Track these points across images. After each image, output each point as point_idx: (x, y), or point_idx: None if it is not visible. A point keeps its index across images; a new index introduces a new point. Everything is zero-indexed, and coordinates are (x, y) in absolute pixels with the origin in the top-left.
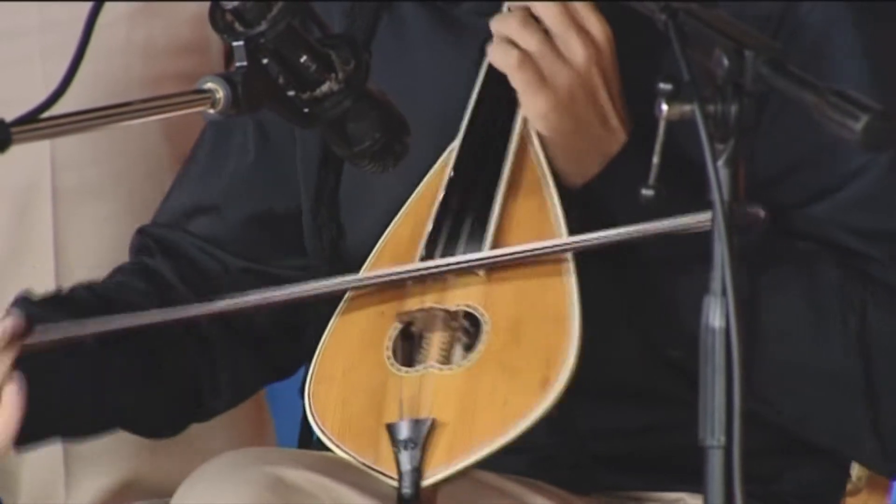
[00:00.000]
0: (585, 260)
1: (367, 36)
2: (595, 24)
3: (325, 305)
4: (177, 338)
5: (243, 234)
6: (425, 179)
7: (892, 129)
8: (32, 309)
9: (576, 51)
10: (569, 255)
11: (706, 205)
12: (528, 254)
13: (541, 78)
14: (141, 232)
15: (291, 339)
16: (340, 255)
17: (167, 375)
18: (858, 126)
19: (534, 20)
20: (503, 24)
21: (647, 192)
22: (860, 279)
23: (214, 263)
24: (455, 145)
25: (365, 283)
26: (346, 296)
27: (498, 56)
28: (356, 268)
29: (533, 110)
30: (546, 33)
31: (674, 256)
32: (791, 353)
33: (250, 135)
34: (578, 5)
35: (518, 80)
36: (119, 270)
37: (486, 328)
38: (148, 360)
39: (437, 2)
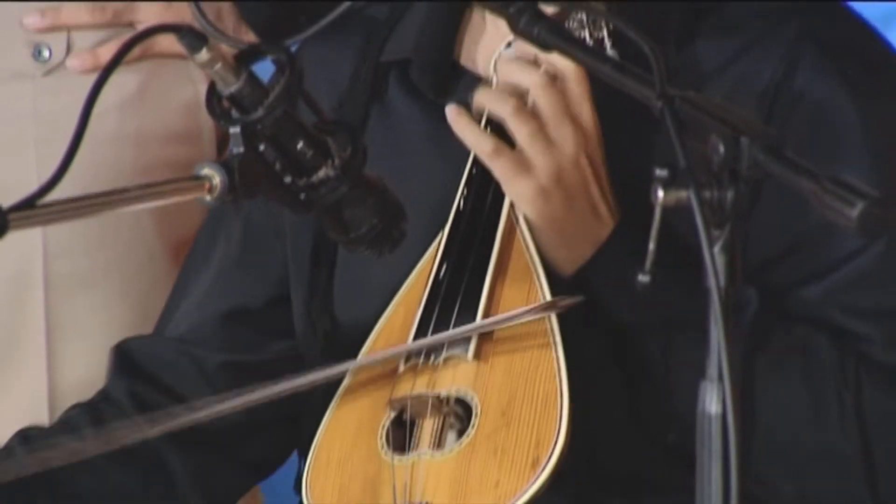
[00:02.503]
0: (585, 345)
1: (358, 127)
2: (587, 112)
3: (320, 395)
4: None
5: (222, 328)
6: (417, 267)
7: (887, 215)
8: None
9: (567, 139)
10: (556, 333)
11: (702, 290)
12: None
13: (521, 165)
14: (116, 349)
15: (271, 432)
16: (333, 344)
17: None
18: (854, 213)
19: (526, 111)
20: (486, 98)
21: (643, 278)
22: (856, 359)
23: (191, 366)
24: (444, 232)
25: (352, 366)
26: (342, 385)
27: (473, 142)
28: (349, 356)
29: (516, 196)
30: (539, 125)
31: (670, 340)
32: (788, 433)
33: (234, 234)
34: (574, 91)
35: (496, 168)
36: (75, 406)
37: (476, 411)
38: None
39: (426, 93)
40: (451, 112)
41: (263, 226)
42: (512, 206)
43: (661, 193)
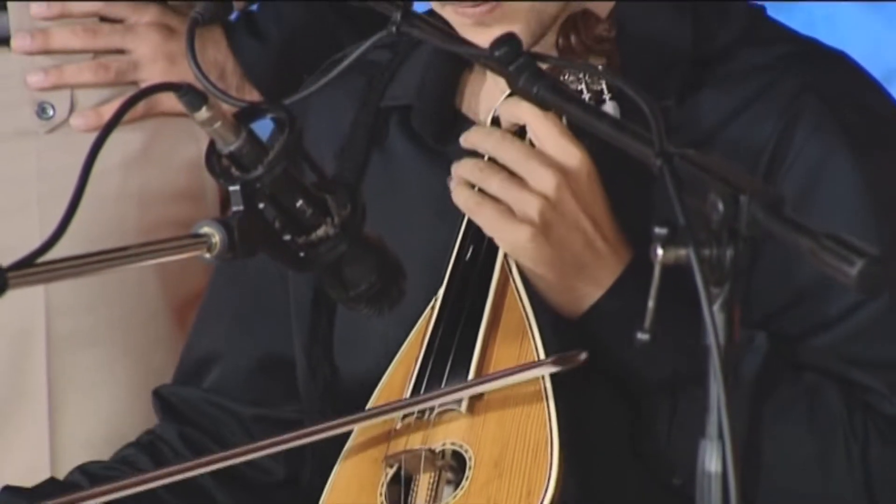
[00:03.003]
0: (591, 387)
1: (358, 174)
2: (561, 149)
3: (321, 449)
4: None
5: (251, 380)
6: (416, 326)
7: (886, 273)
8: (20, 500)
9: (543, 180)
10: (547, 383)
11: (700, 347)
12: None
13: (505, 214)
14: (156, 394)
15: (285, 485)
16: (334, 396)
17: None
18: (853, 271)
19: (491, 165)
20: (461, 169)
21: (642, 337)
22: (862, 409)
23: (226, 416)
24: (441, 288)
25: (349, 421)
26: (346, 446)
27: (459, 199)
28: (349, 405)
29: (507, 245)
30: (506, 174)
31: (674, 384)
32: (794, 482)
33: (249, 280)
34: (541, 133)
35: (481, 221)
36: (128, 445)
37: (470, 464)
38: None
39: (426, 140)
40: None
41: (272, 271)
42: (506, 258)
43: (660, 251)
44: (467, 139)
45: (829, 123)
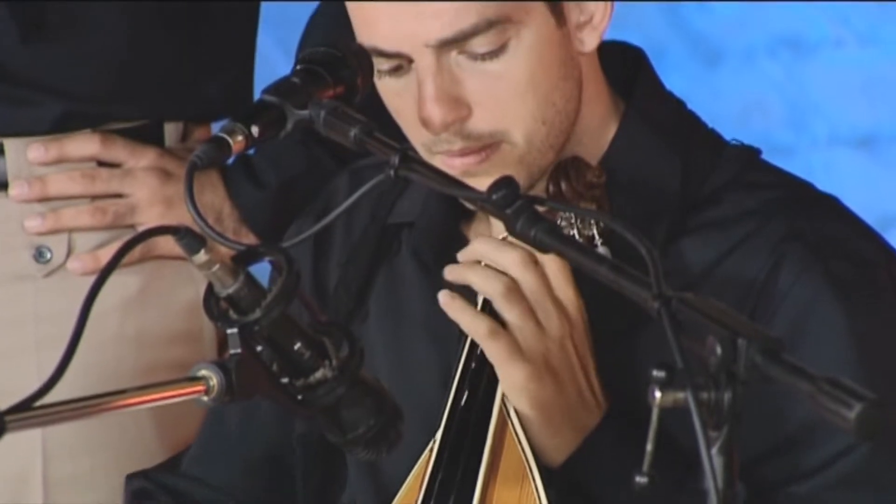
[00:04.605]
0: None
1: (363, 289)
2: (571, 298)
3: None
4: None
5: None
6: (416, 466)
7: (885, 417)
8: None
9: (553, 322)
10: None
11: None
12: None
13: (516, 348)
14: (131, 477)
15: None
16: None
17: None
18: (852, 415)
19: (517, 292)
20: (490, 283)
21: (640, 480)
22: None
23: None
24: (439, 432)
25: None
26: None
27: (470, 326)
28: None
29: (510, 381)
30: (528, 306)
31: None
32: None
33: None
34: (558, 278)
35: (492, 351)
36: None
37: None
38: None
39: (431, 259)
40: (443, 297)
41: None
42: (503, 400)
43: (658, 395)
44: (485, 245)
45: (814, 267)
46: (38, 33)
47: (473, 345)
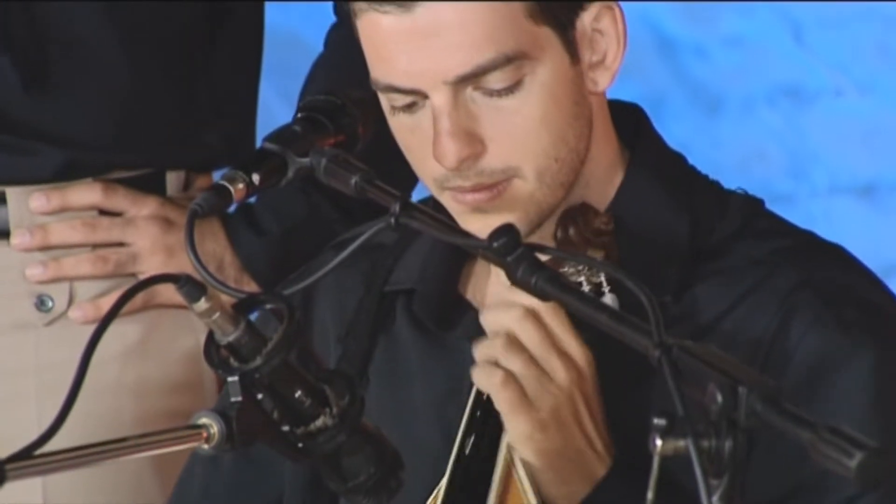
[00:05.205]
0: None
1: (363, 360)
2: (576, 348)
3: None
4: None
5: None
6: None
7: (886, 465)
8: None
9: (558, 372)
10: None
11: None
12: None
13: (525, 398)
14: None
15: None
16: None
17: None
18: (853, 464)
19: (517, 343)
20: (487, 348)
21: None
22: None
23: None
24: (443, 482)
25: None
26: None
27: (482, 377)
28: None
29: (518, 431)
30: (529, 356)
31: None
32: None
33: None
34: (559, 329)
35: (502, 400)
36: None
37: None
38: None
39: (430, 328)
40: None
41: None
42: (508, 449)
43: (659, 442)
44: (488, 315)
45: (825, 316)
46: (41, 82)
47: (479, 394)
